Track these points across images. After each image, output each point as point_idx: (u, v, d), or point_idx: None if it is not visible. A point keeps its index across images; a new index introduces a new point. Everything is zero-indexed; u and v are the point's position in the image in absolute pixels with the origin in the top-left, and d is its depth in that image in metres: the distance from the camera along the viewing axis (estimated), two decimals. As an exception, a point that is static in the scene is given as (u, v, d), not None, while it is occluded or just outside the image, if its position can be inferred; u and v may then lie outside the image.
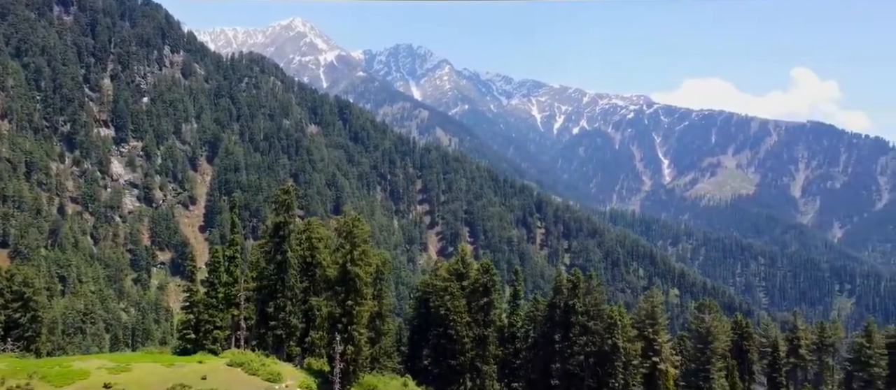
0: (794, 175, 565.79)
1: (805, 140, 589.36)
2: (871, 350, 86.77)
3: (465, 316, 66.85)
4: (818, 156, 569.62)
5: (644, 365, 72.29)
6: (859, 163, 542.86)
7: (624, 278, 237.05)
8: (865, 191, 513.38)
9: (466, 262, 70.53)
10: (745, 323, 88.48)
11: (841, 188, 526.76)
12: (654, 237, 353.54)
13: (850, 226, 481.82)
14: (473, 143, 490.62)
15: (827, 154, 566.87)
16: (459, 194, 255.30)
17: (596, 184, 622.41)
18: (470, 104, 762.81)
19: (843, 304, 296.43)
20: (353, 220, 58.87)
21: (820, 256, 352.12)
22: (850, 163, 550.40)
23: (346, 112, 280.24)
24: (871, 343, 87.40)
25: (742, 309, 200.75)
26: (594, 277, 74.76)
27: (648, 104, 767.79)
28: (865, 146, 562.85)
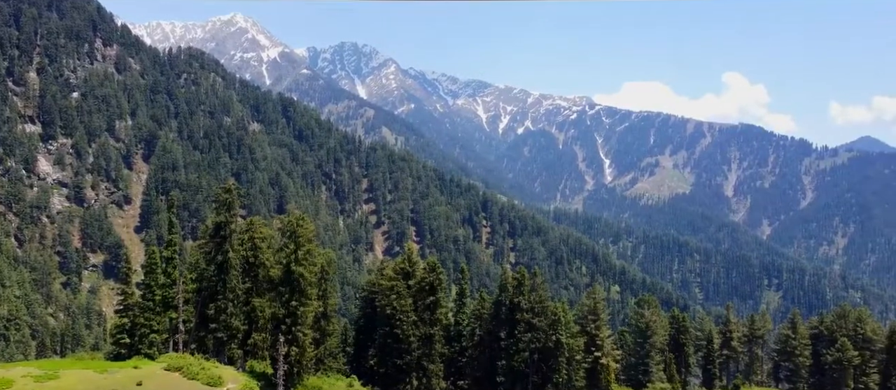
0: (726, 175, 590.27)
1: (737, 141, 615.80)
2: (796, 341, 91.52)
3: (412, 315, 66.73)
4: (748, 157, 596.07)
5: (587, 360, 74.00)
6: (786, 164, 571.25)
7: (567, 275, 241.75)
8: (791, 190, 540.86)
9: (413, 261, 70.41)
10: (681, 318, 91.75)
11: (769, 187, 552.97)
12: (597, 235, 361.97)
13: (777, 223, 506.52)
14: (420, 143, 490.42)
15: (756, 155, 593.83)
16: (406, 193, 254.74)
17: (540, 183, 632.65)
18: (416, 103, 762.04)
19: (772, 298, 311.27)
20: (297, 220, 57.87)
21: (750, 253, 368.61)
22: (777, 163, 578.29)
23: (289, 110, 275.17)
24: (797, 334, 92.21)
25: (679, 304, 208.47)
26: (538, 275, 75.93)
27: (591, 105, 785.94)
28: (791, 148, 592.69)
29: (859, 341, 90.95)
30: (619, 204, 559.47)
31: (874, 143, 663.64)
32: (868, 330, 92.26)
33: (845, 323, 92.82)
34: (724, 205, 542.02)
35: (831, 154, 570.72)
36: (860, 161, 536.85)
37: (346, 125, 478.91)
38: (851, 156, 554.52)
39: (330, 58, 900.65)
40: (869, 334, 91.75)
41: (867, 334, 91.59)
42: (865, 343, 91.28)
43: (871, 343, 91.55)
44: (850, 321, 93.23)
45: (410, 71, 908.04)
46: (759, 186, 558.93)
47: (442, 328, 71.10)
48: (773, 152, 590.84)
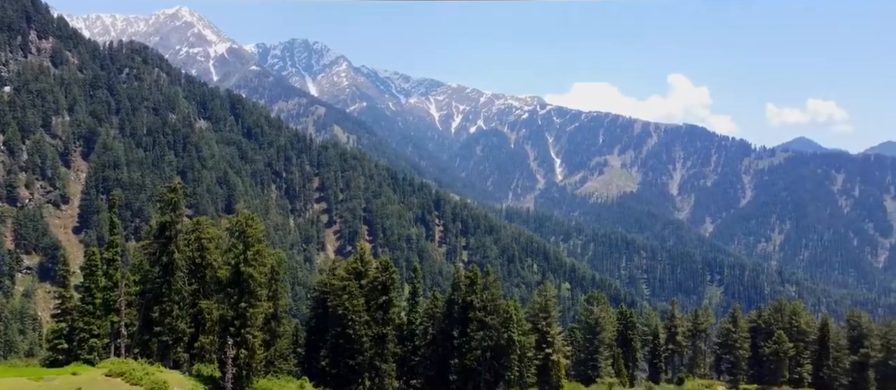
0: (672, 174, 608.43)
1: (681, 142, 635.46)
2: (736, 334, 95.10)
3: (364, 315, 66.28)
4: (692, 157, 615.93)
5: (538, 357, 75.04)
6: (727, 164, 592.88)
7: (519, 273, 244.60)
8: (732, 189, 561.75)
9: (365, 261, 69.95)
10: (629, 314, 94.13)
11: (712, 186, 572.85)
12: (548, 233, 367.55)
13: (719, 221, 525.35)
14: (372, 141, 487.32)
15: (700, 155, 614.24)
16: (358, 192, 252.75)
17: (493, 182, 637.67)
18: (368, 101, 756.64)
19: (714, 293, 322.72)
20: (246, 219, 56.64)
21: (694, 249, 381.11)
22: (719, 163, 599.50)
23: (238, 107, 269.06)
24: (737, 328, 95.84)
25: (627, 300, 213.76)
26: (491, 273, 76.57)
27: (542, 105, 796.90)
28: (732, 148, 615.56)
29: (794, 333, 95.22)
30: (570, 202, 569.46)
31: (808, 144, 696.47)
32: (802, 322, 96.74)
33: (781, 316, 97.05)
34: (669, 204, 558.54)
35: (769, 154, 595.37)
36: (795, 161, 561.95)
37: (297, 123, 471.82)
38: (787, 157, 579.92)
39: (280, 54, 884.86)
40: (803, 327, 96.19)
41: (801, 327, 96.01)
42: (800, 335, 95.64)
43: (805, 335, 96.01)
44: (785, 314, 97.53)
45: (362, 69, 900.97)
46: (703, 185, 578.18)
47: (395, 327, 70.88)
48: (715, 152, 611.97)
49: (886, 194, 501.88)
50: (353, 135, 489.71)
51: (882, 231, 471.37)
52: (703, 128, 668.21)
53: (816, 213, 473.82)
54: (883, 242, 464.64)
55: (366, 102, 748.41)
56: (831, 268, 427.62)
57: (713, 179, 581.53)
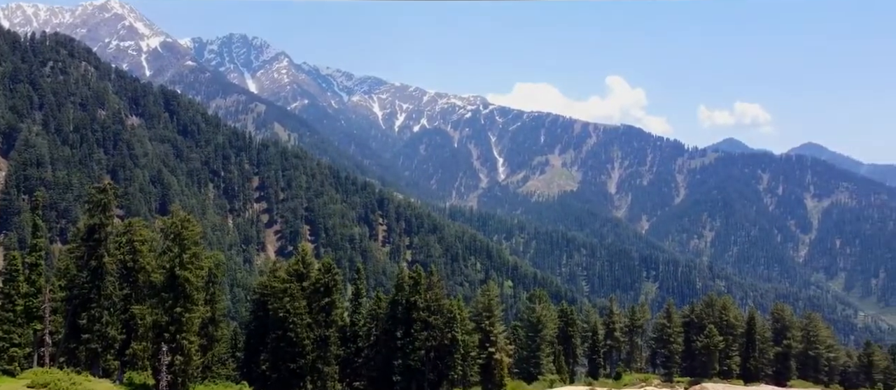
0: (610, 173, 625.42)
1: (619, 142, 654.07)
2: (671, 329, 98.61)
3: (306, 317, 65.21)
4: (630, 157, 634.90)
5: (481, 356, 75.72)
6: (662, 163, 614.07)
7: (462, 272, 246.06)
8: (667, 188, 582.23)
9: (307, 262, 68.83)
10: (570, 312, 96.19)
11: (647, 185, 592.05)
12: (491, 232, 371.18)
13: (655, 219, 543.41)
14: (314, 139, 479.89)
15: (637, 154, 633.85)
16: (299, 191, 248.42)
17: (436, 181, 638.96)
18: (310, 99, 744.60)
19: (649, 288, 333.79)
20: (181, 220, 54.67)
21: (631, 247, 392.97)
22: (654, 162, 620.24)
23: (173, 103, 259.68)
24: (671, 322, 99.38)
25: (567, 297, 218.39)
26: (435, 273, 76.74)
27: (484, 105, 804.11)
28: (667, 148, 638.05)
29: (724, 327, 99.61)
30: (512, 201, 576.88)
31: (736, 145, 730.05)
32: (731, 316, 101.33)
33: (712, 311, 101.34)
34: (608, 202, 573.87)
35: (701, 154, 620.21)
36: (724, 161, 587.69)
37: (236, 120, 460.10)
38: (717, 157, 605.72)
39: (217, 49, 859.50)
40: (732, 320, 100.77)
41: (730, 321, 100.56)
42: (729, 328, 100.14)
43: (734, 328, 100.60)
44: (716, 309, 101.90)
45: (304, 66, 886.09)
46: (639, 184, 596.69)
47: (337, 329, 70.10)
48: (650, 152, 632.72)
49: (806, 193, 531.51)
50: (295, 134, 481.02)
51: (803, 228, 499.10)
52: (640, 129, 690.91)
53: (744, 211, 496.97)
54: (803, 238, 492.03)
55: (307, 100, 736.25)
56: (757, 263, 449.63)
57: (649, 178, 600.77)
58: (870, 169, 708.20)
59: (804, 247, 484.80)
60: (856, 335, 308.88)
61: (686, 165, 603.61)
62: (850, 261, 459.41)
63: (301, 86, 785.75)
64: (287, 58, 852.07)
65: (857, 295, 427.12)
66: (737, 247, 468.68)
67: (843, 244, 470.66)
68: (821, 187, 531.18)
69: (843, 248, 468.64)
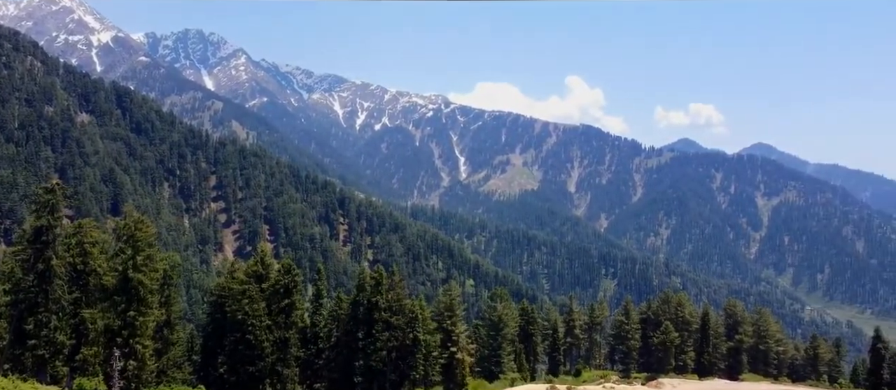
0: (570, 172, 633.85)
1: (578, 141, 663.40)
2: (628, 326, 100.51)
3: (266, 319, 64.13)
4: (589, 156, 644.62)
5: (443, 355, 75.79)
6: (620, 163, 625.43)
7: (424, 271, 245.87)
8: (624, 186, 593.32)
9: (266, 263, 67.69)
10: (531, 310, 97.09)
11: (606, 184, 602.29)
12: (452, 230, 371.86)
13: (613, 217, 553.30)
14: (273, 138, 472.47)
15: (595, 154, 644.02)
16: (258, 190, 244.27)
17: (398, 179, 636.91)
18: (269, 97, 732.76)
19: (608, 285, 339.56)
20: (135, 222, 53.13)
21: (591, 245, 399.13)
22: (613, 162, 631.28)
23: (125, 100, 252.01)
24: (629, 319, 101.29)
25: (528, 295, 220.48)
26: (396, 273, 76.49)
27: (446, 104, 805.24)
28: (624, 147, 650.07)
29: (679, 323, 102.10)
30: (474, 200, 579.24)
31: (691, 145, 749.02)
32: (686, 313, 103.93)
33: (668, 307, 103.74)
34: (567, 201, 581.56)
35: (657, 154, 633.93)
36: (679, 160, 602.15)
37: (192, 118, 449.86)
38: (672, 156, 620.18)
39: (172, 45, 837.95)
40: (687, 317, 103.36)
41: (686, 317, 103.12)
42: (684, 324, 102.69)
43: (689, 324, 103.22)
44: (672, 305, 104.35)
45: (262, 63, 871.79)
46: (598, 183, 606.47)
47: (298, 331, 69.19)
48: (609, 151, 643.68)
49: (757, 191, 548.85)
50: (253, 132, 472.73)
51: (754, 225, 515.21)
52: (598, 129, 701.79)
53: (698, 209, 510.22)
54: (754, 236, 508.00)
55: (266, 97, 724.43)
56: (711, 260, 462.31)
57: (607, 177, 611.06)
58: (816, 168, 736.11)
59: (755, 244, 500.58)
60: (803, 328, 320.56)
61: (643, 165, 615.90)
62: (797, 257, 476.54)
63: (260, 83, 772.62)
64: (245, 54, 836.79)
65: (804, 290, 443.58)
66: (691, 245, 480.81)
67: (791, 241, 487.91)
68: (770, 186, 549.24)
69: (791, 245, 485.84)
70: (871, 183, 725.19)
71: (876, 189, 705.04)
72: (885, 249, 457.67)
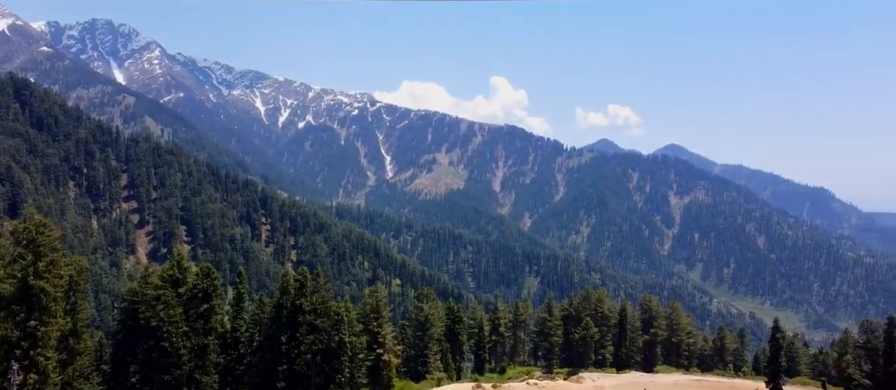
0: (495, 172, 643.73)
1: (503, 141, 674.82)
2: (551, 322, 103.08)
3: (183, 325, 61.56)
4: (513, 156, 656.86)
5: (369, 357, 75.21)
6: (543, 162, 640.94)
7: (350, 271, 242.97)
8: (547, 186, 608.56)
9: (183, 267, 64.90)
10: (457, 309, 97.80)
11: (530, 183, 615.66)
12: (379, 230, 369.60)
13: (536, 215, 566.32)
14: (190, 135, 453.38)
15: (519, 154, 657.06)
16: (174, 190, 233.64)
17: (322, 178, 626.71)
18: (186, 92, 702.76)
19: (531, 283, 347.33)
20: (36, 225, 49.60)
21: (515, 243, 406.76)
22: (536, 161, 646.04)
23: (24, 93, 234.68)
24: (552, 316, 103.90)
25: (454, 294, 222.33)
26: (321, 275, 75.19)
27: (372, 102, 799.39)
28: (547, 147, 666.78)
29: (599, 318, 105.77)
30: (400, 199, 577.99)
31: (609, 145, 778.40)
32: (606, 308, 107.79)
33: (589, 303, 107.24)
34: (492, 200, 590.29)
35: (578, 154, 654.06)
36: (599, 160, 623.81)
37: (101, 113, 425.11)
38: (592, 156, 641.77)
39: (78, 36, 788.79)
40: (606, 312, 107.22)
41: (605, 312, 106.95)
42: (603, 320, 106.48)
43: (607, 319, 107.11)
44: (592, 302, 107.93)
45: (178, 57, 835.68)
46: (522, 182, 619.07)
47: (217, 336, 66.78)
48: (532, 151, 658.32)
49: (670, 190, 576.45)
50: (169, 128, 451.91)
51: (667, 223, 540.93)
52: (522, 129, 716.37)
53: (616, 208, 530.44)
54: (667, 233, 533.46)
55: (183, 93, 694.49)
56: (628, 257, 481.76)
57: (531, 177, 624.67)
58: (722, 168, 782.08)
59: (668, 241, 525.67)
60: (711, 320, 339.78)
61: (565, 164, 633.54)
62: (706, 252, 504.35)
63: (176, 78, 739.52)
64: (159, 47, 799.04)
65: (712, 284, 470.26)
66: (610, 242, 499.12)
67: (700, 237, 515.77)
68: (682, 185, 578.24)
69: (700, 241, 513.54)
70: (771, 182, 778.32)
71: (775, 188, 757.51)
72: (782, 245, 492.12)
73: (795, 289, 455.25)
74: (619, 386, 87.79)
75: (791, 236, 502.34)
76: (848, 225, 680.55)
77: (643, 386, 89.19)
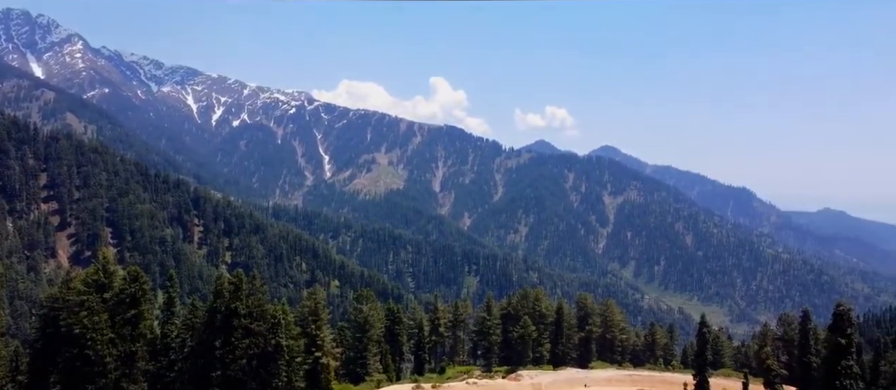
0: (434, 172, 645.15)
1: (443, 141, 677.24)
2: (490, 321, 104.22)
3: (108, 332, 58.86)
4: (452, 156, 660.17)
5: (307, 361, 73.98)
6: (482, 163, 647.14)
7: (287, 273, 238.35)
8: (486, 186, 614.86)
9: (109, 271, 62.05)
10: (397, 310, 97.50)
11: (469, 183, 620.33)
12: (317, 231, 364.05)
13: (476, 215, 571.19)
14: (117, 132, 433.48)
15: (459, 154, 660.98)
16: (99, 190, 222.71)
17: (258, 178, 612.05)
18: (111, 88, 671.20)
19: (471, 282, 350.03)
20: (-57, 228, 46.22)
21: (455, 243, 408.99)
22: (476, 162, 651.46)
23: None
24: (491, 315, 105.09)
25: (394, 294, 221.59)
26: (257, 277, 73.44)
27: (309, 101, 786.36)
28: (486, 148, 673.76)
29: (537, 317, 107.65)
30: (339, 199, 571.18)
31: (547, 146, 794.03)
32: (543, 307, 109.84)
33: (527, 302, 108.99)
34: (432, 200, 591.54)
35: (516, 154, 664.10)
36: (536, 161, 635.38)
37: (17, 108, 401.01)
38: (530, 157, 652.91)
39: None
40: (544, 311, 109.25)
41: (542, 311, 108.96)
42: (541, 318, 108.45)
43: (545, 318, 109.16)
44: (530, 300, 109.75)
45: (103, 50, 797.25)
46: (461, 182, 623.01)
47: (146, 342, 64.27)
48: (472, 152, 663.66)
49: (604, 191, 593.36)
50: (93, 126, 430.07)
51: (601, 222, 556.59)
52: (462, 130, 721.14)
53: (553, 207, 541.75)
54: (602, 232, 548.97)
55: (108, 89, 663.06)
56: (564, 256, 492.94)
57: (470, 177, 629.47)
58: (653, 169, 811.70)
59: (603, 240, 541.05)
60: (642, 316, 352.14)
61: (503, 165, 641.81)
62: (638, 250, 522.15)
63: (100, 72, 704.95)
64: (82, 40, 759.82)
65: (643, 281, 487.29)
66: (548, 241, 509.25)
67: (633, 236, 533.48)
68: (615, 185, 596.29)
69: (633, 240, 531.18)
70: (698, 183, 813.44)
71: (701, 188, 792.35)
72: (708, 242, 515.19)
73: (720, 285, 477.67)
74: (555, 383, 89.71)
75: (716, 234, 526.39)
76: (767, 223, 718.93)
77: (579, 382, 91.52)
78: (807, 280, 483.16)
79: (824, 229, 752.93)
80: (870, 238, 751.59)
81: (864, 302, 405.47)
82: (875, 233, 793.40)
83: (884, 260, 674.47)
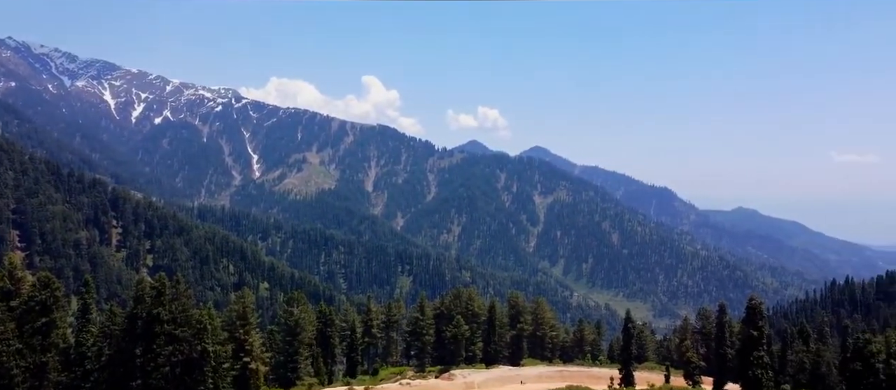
0: (367, 172, 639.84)
1: (375, 141, 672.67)
2: (423, 322, 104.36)
3: (15, 342, 55.06)
4: (385, 156, 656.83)
5: (235, 366, 71.80)
6: (415, 163, 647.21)
7: (214, 275, 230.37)
8: (419, 185, 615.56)
9: (16, 278, 58.08)
10: (328, 312, 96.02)
11: (402, 183, 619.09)
12: (245, 232, 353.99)
13: (409, 215, 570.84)
14: (25, 129, 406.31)
15: (392, 154, 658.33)
16: (5, 190, 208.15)
17: (182, 178, 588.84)
18: (19, 81, 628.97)
19: (404, 282, 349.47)
20: None
21: (388, 243, 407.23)
22: (409, 162, 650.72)
23: None
24: (424, 315, 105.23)
25: (326, 296, 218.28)
26: (181, 281, 70.58)
27: (237, 98, 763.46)
28: (419, 148, 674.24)
29: (469, 316, 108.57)
30: (268, 199, 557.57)
31: (479, 146, 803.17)
32: (476, 306, 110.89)
33: (460, 302, 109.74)
34: (365, 200, 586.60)
35: (449, 154, 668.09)
36: (469, 161, 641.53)
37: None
38: (463, 157, 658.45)
39: None
40: (476, 310, 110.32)
41: (475, 310, 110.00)
42: (474, 317, 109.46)
43: (478, 316, 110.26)
44: (463, 300, 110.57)
45: (9, 41, 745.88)
46: (394, 182, 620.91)
47: (59, 352, 60.52)
48: (405, 151, 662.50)
49: (535, 191, 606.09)
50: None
51: (532, 221, 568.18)
52: (394, 129, 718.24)
53: (485, 207, 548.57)
54: (533, 231, 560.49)
55: (15, 82, 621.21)
56: (496, 254, 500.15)
57: (403, 177, 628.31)
58: (581, 170, 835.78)
59: (533, 239, 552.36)
60: (571, 313, 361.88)
61: (436, 165, 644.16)
62: (567, 249, 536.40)
63: (5, 65, 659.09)
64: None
65: (572, 278, 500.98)
66: (480, 241, 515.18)
67: (562, 235, 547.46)
68: (545, 185, 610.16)
69: (562, 239, 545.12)
70: (623, 183, 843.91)
71: (627, 188, 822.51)
72: (633, 240, 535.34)
73: (644, 281, 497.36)
74: (487, 382, 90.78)
75: (640, 232, 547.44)
76: (687, 221, 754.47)
77: (510, 379, 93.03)
78: (723, 275, 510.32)
79: (738, 227, 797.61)
80: (778, 235, 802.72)
81: (773, 295, 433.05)
82: (783, 230, 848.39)
83: (790, 255, 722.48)
